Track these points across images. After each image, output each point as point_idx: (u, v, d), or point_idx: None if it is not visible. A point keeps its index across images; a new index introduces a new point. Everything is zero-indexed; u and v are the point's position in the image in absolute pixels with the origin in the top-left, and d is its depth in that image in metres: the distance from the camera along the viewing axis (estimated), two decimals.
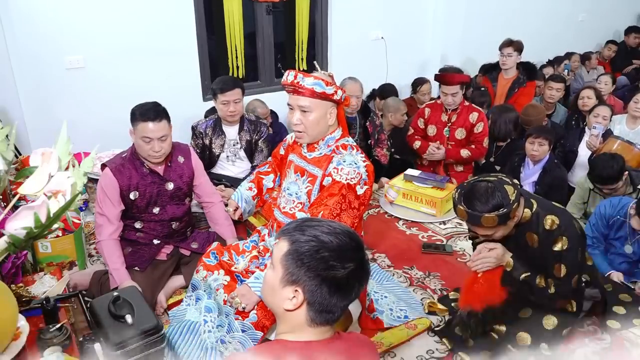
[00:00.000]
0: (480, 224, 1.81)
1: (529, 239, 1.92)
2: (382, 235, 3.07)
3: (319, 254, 1.06)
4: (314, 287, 1.07)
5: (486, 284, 1.96)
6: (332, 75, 2.03)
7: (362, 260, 1.11)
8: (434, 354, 2.13)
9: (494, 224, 1.80)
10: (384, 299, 2.34)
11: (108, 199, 2.32)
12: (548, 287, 1.88)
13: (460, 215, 1.88)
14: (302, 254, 1.07)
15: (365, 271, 1.13)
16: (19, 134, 3.23)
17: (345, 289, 1.09)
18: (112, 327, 1.60)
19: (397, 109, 3.96)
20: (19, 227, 1.16)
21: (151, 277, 2.35)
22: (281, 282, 1.10)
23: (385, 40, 4.63)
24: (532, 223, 1.89)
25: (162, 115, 2.29)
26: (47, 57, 3.31)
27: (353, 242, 1.11)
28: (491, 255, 1.92)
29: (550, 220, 1.86)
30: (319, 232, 1.09)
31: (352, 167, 1.93)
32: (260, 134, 3.27)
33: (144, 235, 2.45)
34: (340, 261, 1.07)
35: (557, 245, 1.84)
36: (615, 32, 6.64)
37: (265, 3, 4.06)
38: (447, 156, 3.55)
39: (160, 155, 2.32)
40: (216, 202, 2.62)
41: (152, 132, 2.25)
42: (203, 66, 3.94)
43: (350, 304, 1.14)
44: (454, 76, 3.46)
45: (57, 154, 1.25)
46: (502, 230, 1.86)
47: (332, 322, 1.12)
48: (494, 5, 5.26)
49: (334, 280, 1.07)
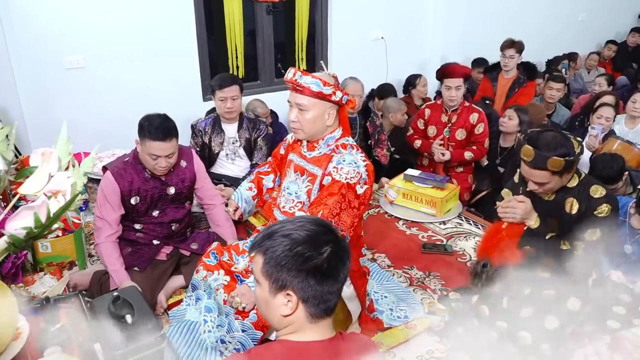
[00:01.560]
0: (545, 166, 1.85)
1: (568, 205, 1.98)
2: (382, 235, 3.08)
3: (293, 251, 1.08)
4: (302, 284, 1.08)
5: (508, 236, 1.98)
6: (336, 77, 2.03)
7: (336, 241, 1.12)
8: (434, 354, 2.13)
9: (559, 168, 1.85)
10: (384, 299, 2.34)
11: (108, 203, 2.31)
12: (574, 249, 1.92)
13: (526, 155, 1.90)
14: (278, 258, 1.08)
15: (343, 249, 1.14)
16: (19, 134, 3.23)
17: (330, 274, 1.10)
18: (112, 327, 1.60)
19: (397, 109, 3.96)
20: (19, 227, 1.17)
21: (151, 277, 2.35)
22: (270, 292, 1.11)
23: (385, 40, 4.63)
24: (576, 190, 1.97)
25: (172, 134, 2.23)
26: (47, 57, 3.31)
27: (321, 227, 1.13)
28: (520, 207, 1.95)
29: (597, 189, 1.95)
30: (286, 231, 1.11)
31: (351, 166, 1.93)
32: (259, 132, 3.27)
33: (143, 236, 2.45)
34: (315, 249, 1.08)
35: (600, 211, 1.92)
36: (616, 32, 6.64)
37: (265, 3, 4.06)
38: (452, 160, 3.53)
39: (165, 170, 2.32)
40: (217, 204, 2.61)
41: (160, 151, 2.23)
42: (203, 66, 3.94)
43: (343, 285, 1.15)
44: (457, 67, 3.45)
45: (57, 154, 1.25)
46: (555, 181, 1.91)
47: (330, 310, 1.13)
48: (493, 5, 5.26)
49: (316, 269, 1.08)
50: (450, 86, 3.41)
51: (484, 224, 3.21)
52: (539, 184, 1.93)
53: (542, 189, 1.95)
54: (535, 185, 1.96)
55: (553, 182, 1.93)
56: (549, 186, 1.94)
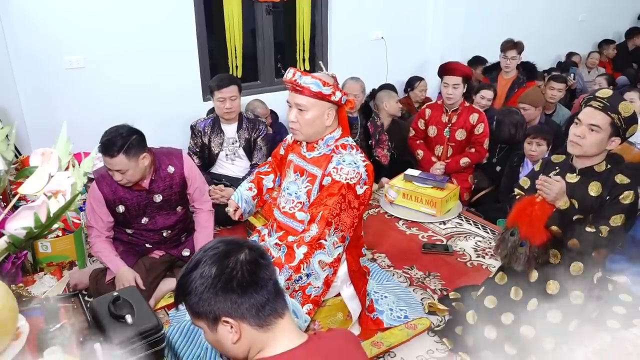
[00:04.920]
0: (617, 107, 1.91)
1: (592, 187, 2.01)
2: (382, 235, 3.08)
3: (203, 280, 1.06)
4: (228, 304, 1.05)
5: (539, 211, 1.99)
6: (335, 77, 2.03)
7: (239, 250, 1.09)
8: (434, 354, 2.14)
9: (627, 113, 1.91)
10: (384, 299, 2.34)
11: (96, 214, 2.32)
12: (599, 232, 1.94)
13: (603, 93, 1.95)
14: (195, 295, 1.07)
15: (253, 252, 1.10)
16: (19, 134, 3.23)
17: (248, 281, 1.06)
18: (112, 327, 1.60)
19: (389, 97, 3.95)
20: (19, 227, 1.17)
21: (140, 272, 2.34)
22: (212, 330, 1.10)
23: (385, 40, 4.63)
24: (602, 175, 2.01)
25: (113, 150, 2.13)
26: (47, 57, 3.31)
27: (224, 245, 1.10)
28: (556, 185, 1.96)
29: (623, 178, 1.99)
30: (192, 269, 1.09)
31: (351, 166, 1.93)
32: (259, 132, 3.27)
33: (135, 240, 2.45)
34: (220, 267, 1.06)
35: (625, 197, 1.95)
36: (615, 32, 6.64)
37: (265, 3, 4.06)
38: (447, 170, 3.54)
39: (125, 183, 2.26)
40: (205, 210, 2.56)
41: (109, 165, 2.19)
42: (203, 66, 3.94)
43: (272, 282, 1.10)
44: (457, 66, 3.46)
45: (57, 154, 1.25)
46: (603, 135, 1.94)
47: (275, 311, 1.09)
48: (493, 5, 5.26)
49: (230, 284, 1.05)
50: (448, 83, 3.41)
51: (484, 224, 3.22)
52: (592, 127, 1.94)
53: (587, 139, 1.96)
54: (585, 130, 1.96)
55: (601, 135, 1.94)
56: (596, 137, 1.95)
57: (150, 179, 2.33)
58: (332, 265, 1.91)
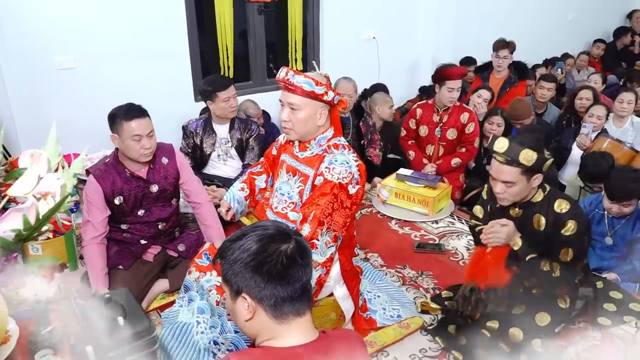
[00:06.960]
0: (517, 158, 1.85)
1: (536, 221, 1.97)
2: (375, 234, 3.08)
3: (245, 255, 1.09)
4: (251, 284, 1.08)
5: (493, 260, 1.98)
6: (328, 77, 2.03)
7: (287, 241, 1.11)
8: (427, 352, 2.14)
9: (530, 162, 1.84)
10: (376, 299, 2.34)
11: (93, 206, 2.30)
12: (553, 271, 1.91)
13: (499, 146, 1.89)
14: (232, 263, 1.10)
15: (298, 249, 1.12)
16: (8, 135, 3.19)
17: (281, 272, 1.09)
18: (104, 329, 1.59)
19: (383, 102, 3.95)
20: (8, 229, 1.16)
21: (136, 276, 2.33)
22: (232, 299, 1.13)
23: (377, 40, 4.64)
24: (542, 205, 1.96)
25: (145, 112, 2.30)
26: (37, 57, 3.28)
27: (277, 231, 1.13)
28: (503, 230, 1.94)
29: (560, 204, 1.93)
30: (242, 237, 1.12)
31: (344, 166, 1.93)
32: (250, 132, 3.26)
33: (130, 236, 2.44)
34: (265, 250, 1.09)
35: (567, 229, 1.90)
36: (604, 31, 6.70)
37: (256, 3, 4.05)
38: (438, 171, 3.55)
39: (150, 153, 2.31)
40: (204, 203, 2.56)
41: (140, 129, 2.23)
42: (194, 66, 3.93)
43: (302, 283, 1.12)
44: (457, 69, 3.49)
45: (46, 155, 1.24)
46: (522, 184, 1.89)
47: (296, 310, 1.11)
48: (485, 5, 5.29)
49: (262, 267, 1.07)
50: (453, 88, 3.41)
51: None
52: (506, 183, 1.89)
53: (507, 192, 1.92)
54: (502, 186, 1.92)
55: (519, 185, 1.89)
56: (514, 189, 1.90)
57: (149, 167, 2.38)
58: (325, 265, 1.91)
